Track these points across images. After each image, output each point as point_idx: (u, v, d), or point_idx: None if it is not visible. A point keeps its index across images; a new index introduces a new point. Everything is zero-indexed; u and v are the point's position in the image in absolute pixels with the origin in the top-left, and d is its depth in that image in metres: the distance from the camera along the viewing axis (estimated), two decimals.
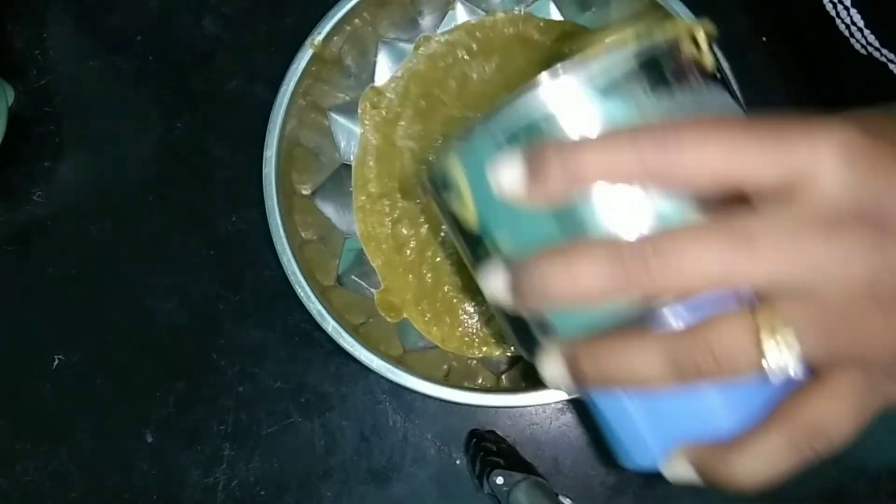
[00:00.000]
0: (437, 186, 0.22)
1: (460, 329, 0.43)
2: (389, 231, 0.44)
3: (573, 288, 0.18)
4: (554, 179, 0.19)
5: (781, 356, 0.18)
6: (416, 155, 0.45)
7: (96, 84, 0.49)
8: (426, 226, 0.44)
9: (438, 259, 0.44)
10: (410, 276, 0.44)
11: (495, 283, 0.20)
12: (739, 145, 0.17)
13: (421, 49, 0.45)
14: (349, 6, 0.40)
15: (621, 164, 0.18)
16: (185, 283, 0.46)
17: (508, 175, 0.19)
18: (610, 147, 0.18)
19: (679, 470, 0.20)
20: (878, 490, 0.42)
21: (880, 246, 0.17)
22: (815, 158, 0.17)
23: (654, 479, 0.42)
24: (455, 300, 0.43)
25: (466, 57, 0.45)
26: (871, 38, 0.34)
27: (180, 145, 0.47)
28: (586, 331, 0.20)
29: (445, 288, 0.43)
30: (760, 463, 0.19)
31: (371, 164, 0.45)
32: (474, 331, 0.43)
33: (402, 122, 0.45)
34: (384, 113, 0.45)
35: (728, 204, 0.18)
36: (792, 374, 0.18)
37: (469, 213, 0.21)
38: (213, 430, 0.44)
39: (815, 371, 0.19)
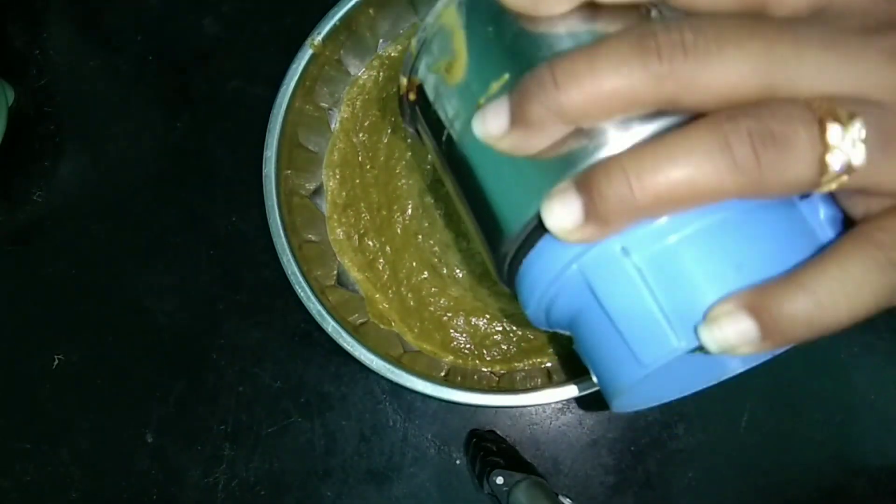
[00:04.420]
0: (421, 55, 0.21)
1: (453, 345, 0.42)
2: (357, 245, 0.43)
3: (599, 95, 0.15)
4: None
5: (849, 146, 0.15)
6: (368, 149, 0.44)
7: (96, 84, 0.49)
8: (391, 241, 0.43)
9: (415, 280, 0.43)
10: (390, 292, 0.43)
11: (495, 122, 0.16)
12: None
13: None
14: (349, 6, 0.40)
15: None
16: (185, 283, 0.46)
17: None
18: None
19: (731, 326, 0.15)
20: (878, 490, 0.42)
21: None
22: None
23: (653, 477, 0.42)
24: (444, 318, 0.42)
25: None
26: None
27: (180, 145, 0.47)
28: (591, 160, 0.16)
29: (431, 308, 0.42)
30: (838, 288, 0.15)
31: (336, 170, 0.44)
32: (469, 348, 0.42)
33: (360, 114, 0.44)
34: (352, 109, 0.44)
35: None
36: (856, 162, 0.15)
37: (461, 58, 0.19)
38: (213, 430, 0.44)
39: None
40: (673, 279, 0.17)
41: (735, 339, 0.15)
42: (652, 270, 0.17)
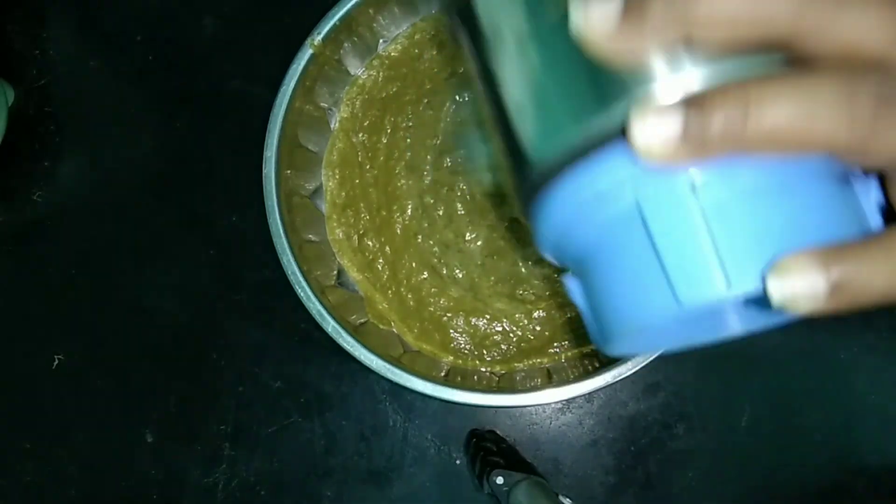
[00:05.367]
0: None
1: (453, 345, 0.42)
2: (357, 245, 0.43)
3: (732, 15, 0.14)
4: None
5: None
6: (367, 149, 0.44)
7: (96, 84, 0.49)
8: (391, 242, 0.43)
9: (415, 280, 0.43)
10: (390, 293, 0.43)
11: (600, 16, 0.15)
12: None
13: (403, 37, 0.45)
14: (349, 6, 0.40)
15: None
16: (185, 283, 0.46)
17: None
18: None
19: (801, 279, 0.15)
20: (878, 490, 0.42)
21: None
22: None
23: (653, 477, 0.42)
24: (444, 318, 0.42)
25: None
26: None
27: (180, 145, 0.47)
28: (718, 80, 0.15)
29: (431, 308, 0.42)
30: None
31: (335, 170, 0.44)
32: (468, 349, 0.42)
33: (360, 113, 0.44)
34: (352, 109, 0.44)
35: None
36: None
37: None
38: (213, 430, 0.44)
39: None
40: (738, 228, 0.16)
41: (802, 292, 0.15)
42: (718, 215, 0.16)
